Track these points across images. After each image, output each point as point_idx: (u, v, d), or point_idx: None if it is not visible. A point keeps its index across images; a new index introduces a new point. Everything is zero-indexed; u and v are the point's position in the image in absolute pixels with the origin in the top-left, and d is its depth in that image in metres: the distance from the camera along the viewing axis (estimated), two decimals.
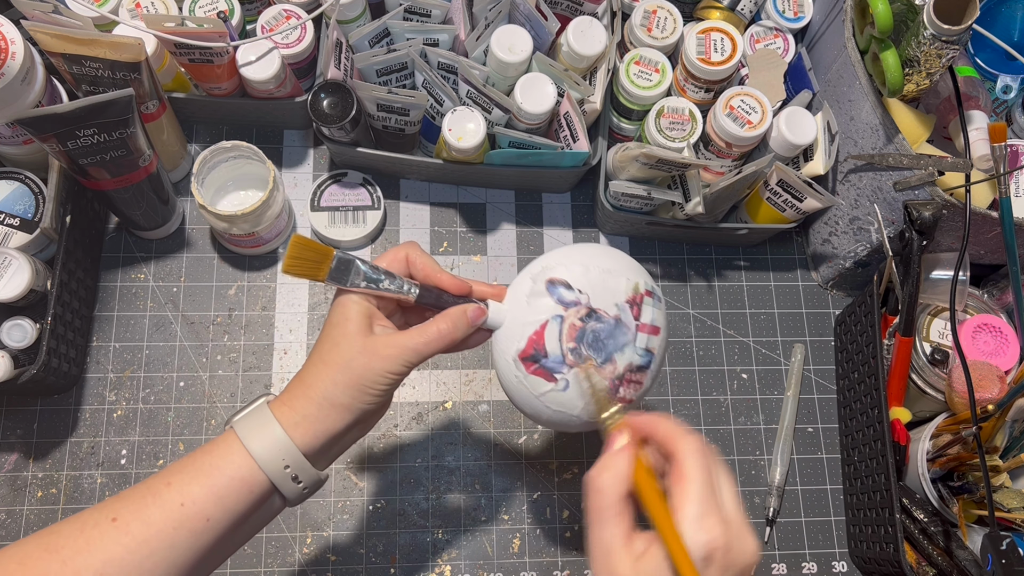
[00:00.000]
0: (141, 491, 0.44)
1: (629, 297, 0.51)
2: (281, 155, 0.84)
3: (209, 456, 0.45)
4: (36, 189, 0.73)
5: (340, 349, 0.47)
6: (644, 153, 0.68)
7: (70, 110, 0.61)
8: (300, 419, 0.46)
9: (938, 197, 0.67)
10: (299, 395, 0.47)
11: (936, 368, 0.72)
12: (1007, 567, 0.60)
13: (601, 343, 0.49)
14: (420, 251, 0.51)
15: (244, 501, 0.45)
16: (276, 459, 0.45)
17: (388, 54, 0.72)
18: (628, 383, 0.50)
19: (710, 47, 0.74)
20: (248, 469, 0.45)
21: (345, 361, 0.46)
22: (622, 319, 0.50)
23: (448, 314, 0.49)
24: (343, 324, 0.47)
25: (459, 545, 0.73)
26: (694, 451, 0.41)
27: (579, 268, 0.50)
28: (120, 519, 0.42)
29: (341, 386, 0.46)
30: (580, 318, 0.49)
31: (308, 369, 0.48)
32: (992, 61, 0.76)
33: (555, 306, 0.49)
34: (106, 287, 0.78)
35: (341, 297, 0.49)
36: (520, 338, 0.49)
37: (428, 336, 0.48)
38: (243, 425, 0.46)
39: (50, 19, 0.64)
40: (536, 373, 0.49)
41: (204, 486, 0.44)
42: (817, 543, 0.77)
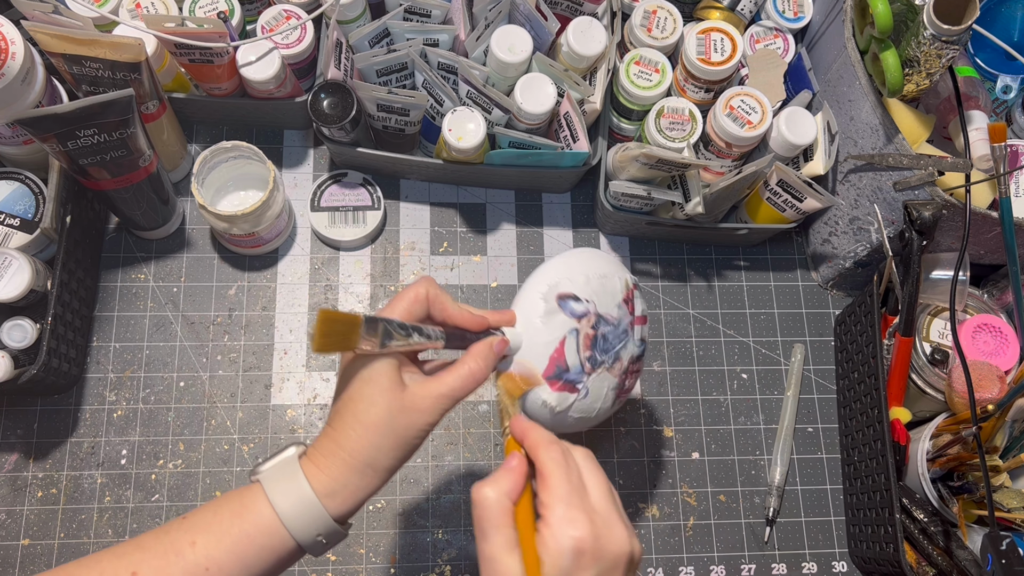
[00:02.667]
0: (163, 545, 0.42)
1: (625, 295, 0.54)
2: (281, 155, 0.84)
3: (239, 520, 0.43)
4: (36, 189, 0.73)
5: (379, 409, 0.44)
6: (644, 153, 0.68)
7: (70, 110, 0.61)
8: (339, 488, 0.44)
9: (938, 197, 0.67)
10: (338, 461, 0.44)
11: (936, 368, 0.72)
12: (1007, 567, 0.60)
13: (610, 344, 0.52)
14: (437, 288, 0.49)
15: (270, 565, 0.44)
16: (310, 529, 0.44)
17: (388, 54, 0.72)
18: (631, 374, 0.53)
19: (710, 47, 0.74)
20: (279, 538, 0.43)
21: (387, 422, 0.44)
22: (623, 317, 0.53)
23: (476, 352, 0.47)
24: (377, 381, 0.45)
25: (459, 545, 0.74)
26: (553, 458, 0.42)
27: (581, 279, 0.52)
28: (140, 575, 0.41)
29: (386, 450, 0.44)
30: (592, 326, 0.51)
31: (345, 432, 0.45)
32: (992, 61, 0.76)
33: (569, 320, 0.50)
34: (106, 287, 0.78)
35: (369, 361, 0.46)
36: (542, 359, 0.50)
37: (463, 379, 0.46)
38: (274, 487, 0.44)
39: (50, 19, 0.64)
40: (561, 389, 0.50)
41: (231, 553, 0.42)
42: (817, 543, 0.77)
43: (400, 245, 0.83)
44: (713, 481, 0.78)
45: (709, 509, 0.77)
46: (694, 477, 0.78)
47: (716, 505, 0.77)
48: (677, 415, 0.80)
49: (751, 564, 0.76)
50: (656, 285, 0.84)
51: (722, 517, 0.77)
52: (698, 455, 0.79)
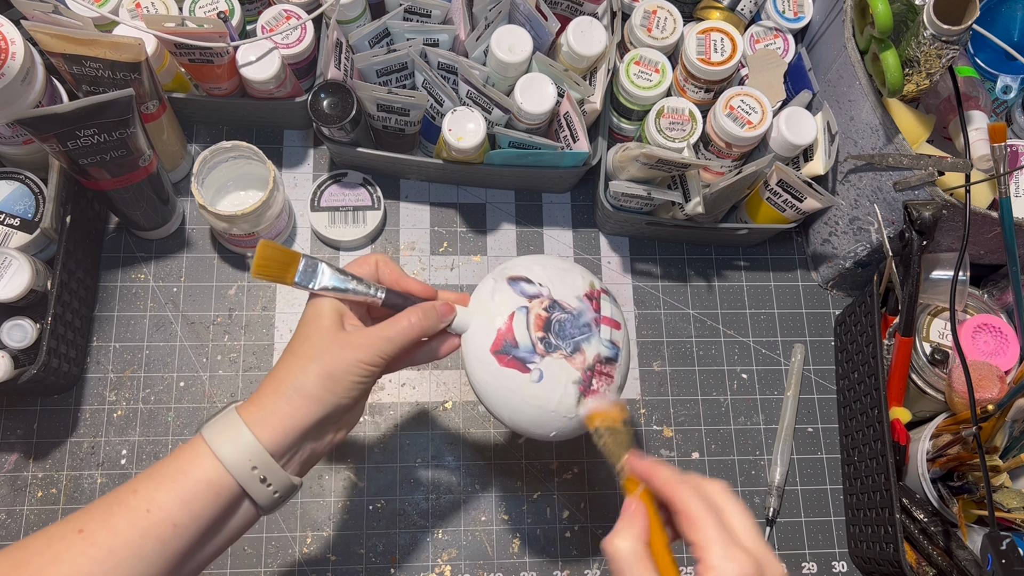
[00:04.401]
0: (108, 501, 0.43)
1: (587, 291, 0.54)
2: (281, 155, 0.84)
3: (176, 461, 0.44)
4: (36, 189, 0.73)
5: (312, 341, 0.47)
6: (644, 153, 0.68)
7: (70, 110, 0.61)
8: (267, 415, 0.45)
9: (938, 197, 0.67)
10: (268, 392, 0.46)
11: (936, 368, 0.72)
12: (1007, 567, 0.60)
13: (567, 332, 0.51)
14: (388, 260, 0.52)
15: (212, 506, 0.44)
16: (242, 460, 0.44)
17: (388, 54, 0.72)
18: (599, 375, 0.52)
19: (710, 47, 0.74)
20: (215, 472, 0.44)
21: (317, 352, 0.46)
22: (584, 310, 0.53)
23: (419, 305, 0.50)
24: (315, 320, 0.48)
25: (459, 545, 0.74)
26: (693, 496, 0.42)
27: (537, 267, 0.53)
28: (86, 530, 0.42)
29: (312, 375, 0.46)
30: (544, 308, 0.51)
31: (278, 365, 0.48)
32: (992, 61, 0.76)
33: (519, 298, 0.51)
34: (106, 287, 0.78)
35: (313, 298, 0.50)
36: (489, 332, 0.51)
37: (399, 326, 0.48)
38: (210, 429, 0.45)
39: (50, 19, 0.64)
40: (509, 365, 0.50)
41: (169, 491, 0.43)
42: (817, 543, 0.77)
43: (400, 245, 0.83)
44: None
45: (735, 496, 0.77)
46: None
47: None
48: (677, 415, 0.80)
49: None
50: (656, 285, 0.84)
51: None
52: (698, 455, 0.79)
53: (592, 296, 0.54)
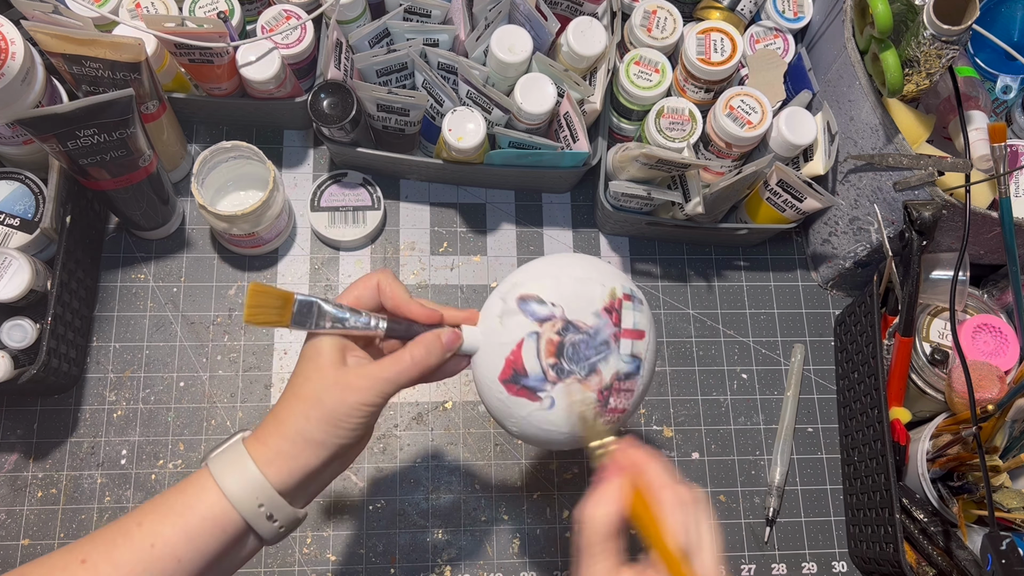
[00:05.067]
0: (112, 531, 0.43)
1: (606, 304, 0.50)
2: (281, 155, 0.84)
3: (182, 495, 0.44)
4: (36, 189, 0.73)
5: (311, 383, 0.46)
6: (644, 153, 0.68)
7: (70, 110, 0.61)
8: (274, 456, 0.45)
9: (938, 197, 0.67)
10: (272, 431, 0.45)
11: (936, 368, 0.72)
12: (1007, 567, 0.60)
13: (582, 355, 0.48)
14: (392, 279, 0.49)
15: (217, 541, 0.43)
16: (250, 498, 0.44)
17: (388, 54, 0.72)
18: (618, 392, 0.49)
19: (710, 47, 0.74)
20: (221, 508, 0.43)
21: (316, 395, 0.45)
22: (601, 327, 0.49)
23: (421, 340, 0.47)
24: (315, 358, 0.46)
25: (459, 545, 0.74)
26: (674, 507, 0.42)
27: (550, 281, 0.49)
28: (89, 561, 0.41)
29: (314, 421, 0.45)
30: (557, 332, 0.48)
31: (281, 404, 0.46)
32: (992, 61, 0.76)
33: (529, 323, 0.48)
34: (106, 287, 0.78)
35: (312, 335, 0.48)
36: (498, 360, 0.48)
37: (402, 365, 0.46)
38: (217, 463, 0.45)
39: (50, 19, 0.64)
40: (519, 394, 0.48)
41: (175, 526, 0.42)
42: (817, 543, 0.77)
43: (400, 245, 0.83)
44: (713, 481, 0.78)
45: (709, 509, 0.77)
46: (694, 477, 0.78)
47: (716, 505, 0.77)
48: (677, 415, 0.80)
49: (751, 564, 0.76)
50: (656, 285, 0.84)
51: (722, 517, 0.77)
52: (698, 455, 0.79)
53: (612, 308, 0.50)
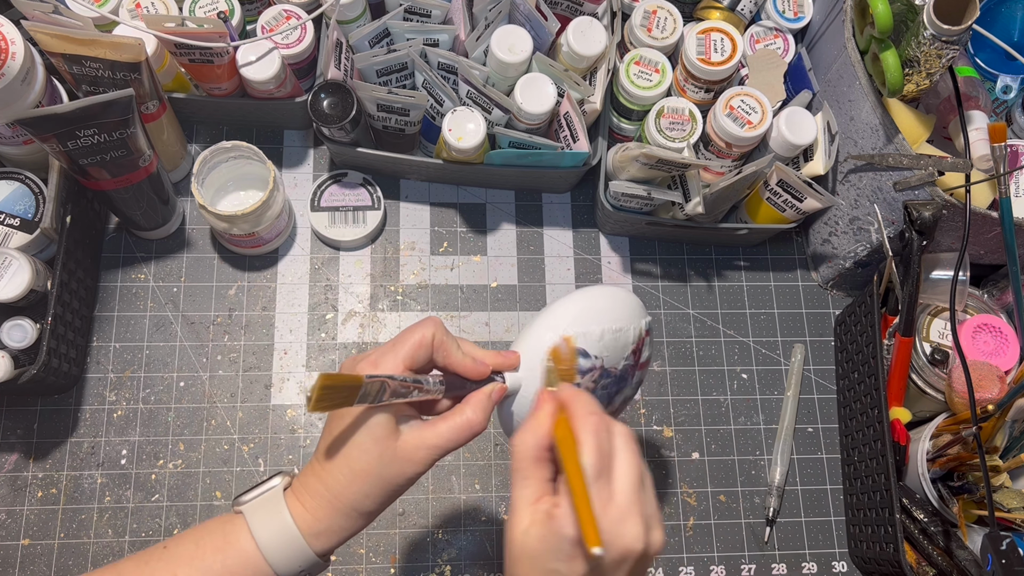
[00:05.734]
0: (146, 574, 0.42)
1: (635, 346, 0.53)
2: (281, 155, 0.84)
3: (221, 555, 0.43)
4: (36, 189, 0.73)
5: (370, 457, 0.44)
6: (644, 153, 0.68)
7: (70, 110, 0.61)
8: (323, 529, 0.44)
9: (938, 197, 0.67)
10: (324, 503, 0.44)
11: (936, 368, 0.72)
12: (1007, 567, 0.60)
13: (607, 392, 0.52)
14: (444, 333, 0.47)
15: None
16: (293, 566, 0.43)
17: (388, 54, 0.72)
18: (617, 411, 0.55)
19: (710, 47, 0.74)
20: (262, 574, 0.43)
21: (377, 472, 0.44)
22: (628, 367, 0.53)
23: (474, 402, 0.46)
24: (372, 427, 0.44)
25: (459, 545, 0.74)
26: (588, 430, 0.40)
27: (596, 332, 0.50)
28: None
29: (373, 497, 0.44)
30: (593, 380, 0.50)
31: (334, 474, 0.44)
32: (992, 61, 0.76)
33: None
34: (106, 287, 0.78)
35: (370, 413, 0.45)
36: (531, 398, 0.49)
37: (458, 430, 0.45)
38: (260, 524, 0.43)
39: (50, 19, 0.64)
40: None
41: None
42: (817, 543, 0.77)
43: (400, 245, 0.83)
44: (713, 481, 0.78)
45: (709, 509, 0.77)
46: (694, 477, 0.78)
47: (716, 505, 0.77)
48: (677, 415, 0.80)
49: (751, 564, 0.76)
50: (656, 285, 0.84)
51: (722, 517, 0.77)
52: (698, 455, 0.79)
53: (638, 348, 0.53)
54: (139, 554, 0.43)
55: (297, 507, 0.44)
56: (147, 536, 0.71)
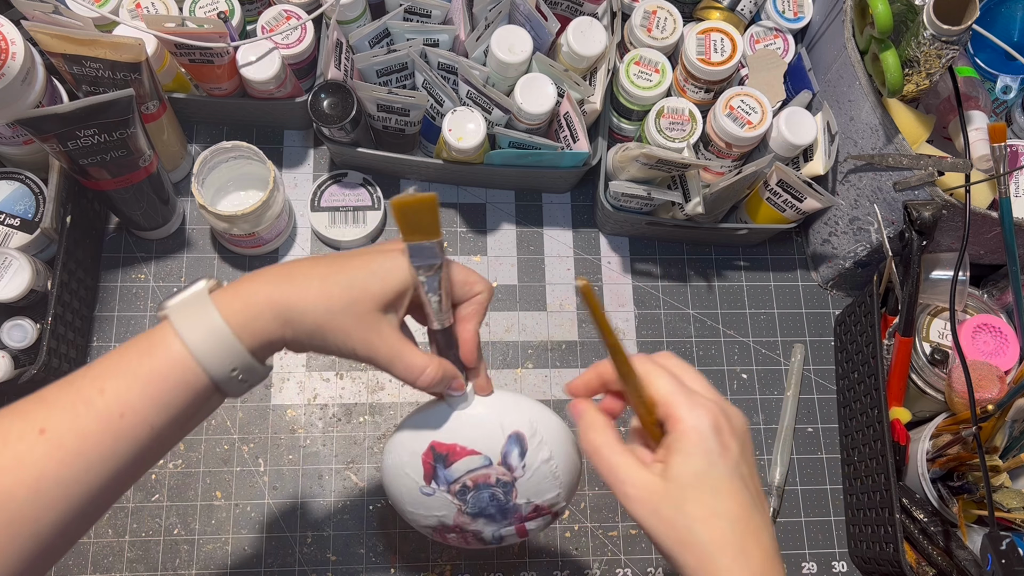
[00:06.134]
0: (69, 396, 0.39)
1: (539, 506, 0.53)
2: (281, 155, 0.84)
3: (148, 358, 0.40)
4: (36, 189, 0.73)
5: (339, 291, 0.43)
6: (644, 153, 0.68)
7: (70, 110, 0.61)
8: (250, 322, 0.42)
9: (938, 197, 0.67)
10: (253, 299, 0.42)
11: (936, 368, 0.72)
12: (1007, 567, 0.60)
13: (485, 512, 0.52)
14: (487, 302, 0.49)
15: (187, 404, 0.41)
16: (224, 363, 0.41)
17: (388, 54, 0.72)
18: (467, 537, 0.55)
19: (710, 47, 0.74)
20: (194, 374, 0.41)
21: (327, 306, 0.42)
22: (512, 513, 0.53)
23: (441, 366, 0.47)
24: (382, 279, 0.44)
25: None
26: (647, 367, 0.44)
27: (547, 444, 0.51)
28: (50, 431, 0.38)
29: (303, 325, 0.43)
30: (493, 480, 0.50)
31: (288, 273, 0.43)
32: (992, 61, 0.76)
33: (482, 472, 0.50)
34: (106, 287, 0.78)
35: (400, 260, 0.45)
36: (448, 438, 0.49)
37: (411, 368, 0.45)
38: (185, 322, 0.41)
39: (50, 19, 0.64)
40: (426, 467, 0.50)
41: (145, 395, 0.40)
42: (817, 543, 0.77)
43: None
44: None
45: None
46: None
47: None
48: None
49: None
50: (656, 285, 0.84)
51: None
52: None
53: (539, 510, 0.53)
54: (62, 379, 0.41)
55: (224, 304, 0.42)
56: (147, 536, 0.71)
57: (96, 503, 0.40)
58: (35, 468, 0.37)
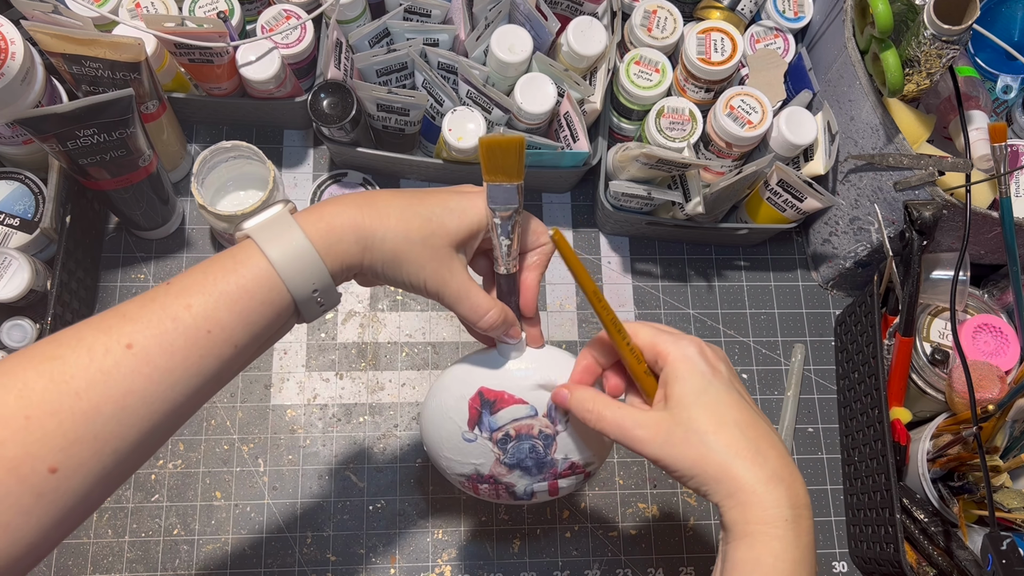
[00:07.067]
0: (155, 311, 0.39)
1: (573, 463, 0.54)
2: (281, 155, 0.84)
3: (235, 276, 0.40)
4: (36, 189, 0.73)
5: (417, 224, 0.44)
6: (644, 153, 0.68)
7: (70, 110, 0.61)
8: (335, 243, 0.42)
9: (938, 197, 0.67)
10: (336, 221, 0.42)
11: (936, 368, 0.72)
12: (1007, 567, 0.60)
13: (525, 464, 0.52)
14: (553, 250, 0.50)
15: (269, 323, 0.41)
16: (307, 284, 0.41)
17: (388, 54, 0.72)
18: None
19: (710, 47, 0.74)
20: (278, 293, 0.41)
21: (406, 236, 0.43)
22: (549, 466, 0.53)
23: (509, 315, 0.48)
24: (458, 216, 0.45)
25: (459, 545, 0.73)
26: (629, 324, 0.47)
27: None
28: (137, 346, 0.37)
29: (382, 252, 0.43)
30: (536, 431, 0.50)
31: (370, 202, 0.44)
32: (992, 61, 0.76)
33: (530, 422, 0.50)
34: (106, 287, 0.78)
35: (477, 201, 0.46)
36: (496, 383, 0.50)
37: (481, 311, 0.47)
38: (270, 240, 0.41)
39: (50, 19, 0.64)
40: (471, 412, 0.50)
41: (233, 313, 0.40)
42: (817, 543, 0.77)
43: None
44: None
45: (709, 509, 0.77)
46: None
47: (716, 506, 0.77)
48: None
49: None
50: (656, 285, 0.84)
51: None
52: None
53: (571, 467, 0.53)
54: (142, 295, 0.40)
55: (308, 224, 0.42)
56: (147, 536, 0.71)
57: (174, 420, 0.40)
58: (123, 384, 0.37)
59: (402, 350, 0.79)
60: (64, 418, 0.35)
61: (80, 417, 0.36)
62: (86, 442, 0.36)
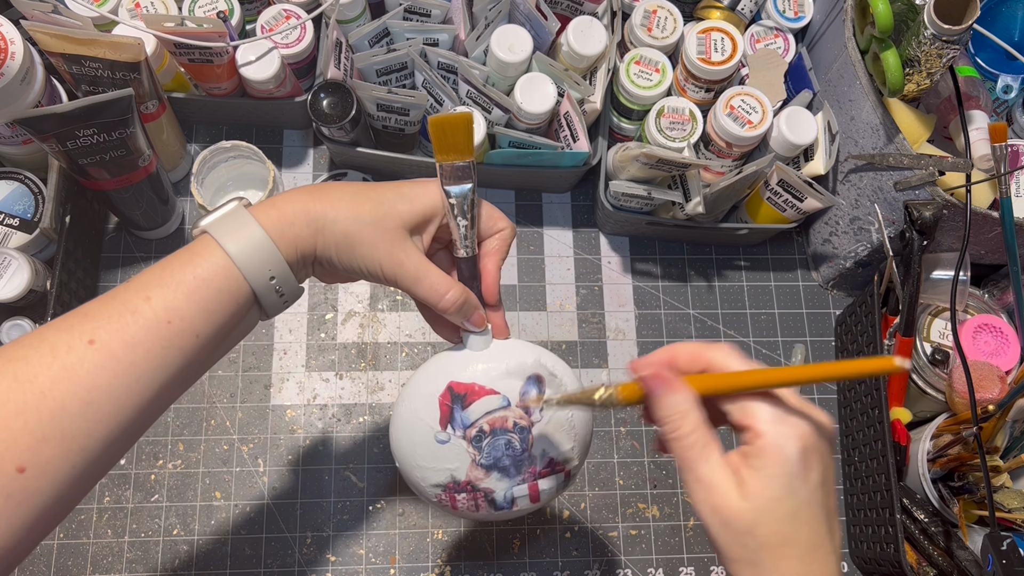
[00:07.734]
0: (115, 307, 0.39)
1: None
2: (281, 155, 0.84)
3: (190, 267, 0.41)
4: (36, 189, 0.73)
5: (370, 207, 0.44)
6: (644, 153, 0.68)
7: (70, 110, 0.61)
8: (287, 226, 0.43)
9: (938, 197, 0.67)
10: (288, 209, 0.43)
11: (937, 368, 0.72)
12: (1007, 567, 0.60)
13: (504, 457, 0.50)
14: (511, 236, 0.51)
15: (231, 315, 0.42)
16: (263, 272, 0.42)
17: (388, 54, 0.72)
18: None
19: (710, 47, 0.74)
20: (235, 280, 0.41)
21: (369, 225, 0.44)
22: (523, 461, 0.51)
23: (465, 293, 0.47)
24: (410, 200, 0.45)
25: (459, 545, 0.73)
26: (731, 356, 0.41)
27: (563, 386, 0.50)
28: (99, 341, 0.38)
29: (334, 236, 0.44)
30: (510, 423, 0.49)
31: (320, 192, 0.44)
32: (992, 61, 0.76)
33: (503, 414, 0.49)
34: (106, 287, 0.78)
35: (431, 187, 0.46)
36: (463, 374, 0.48)
37: (440, 291, 0.46)
38: (225, 233, 0.42)
39: (50, 19, 0.64)
40: (443, 409, 0.49)
41: (192, 302, 0.40)
42: None
43: None
44: None
45: None
46: None
47: None
48: None
49: None
50: (656, 285, 0.84)
51: None
52: None
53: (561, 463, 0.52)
54: (104, 294, 0.41)
55: (260, 214, 0.43)
56: (147, 536, 0.71)
57: (142, 418, 0.40)
58: (87, 380, 0.37)
59: (402, 350, 0.79)
60: (30, 417, 0.35)
61: (46, 415, 0.36)
62: (53, 440, 0.36)
